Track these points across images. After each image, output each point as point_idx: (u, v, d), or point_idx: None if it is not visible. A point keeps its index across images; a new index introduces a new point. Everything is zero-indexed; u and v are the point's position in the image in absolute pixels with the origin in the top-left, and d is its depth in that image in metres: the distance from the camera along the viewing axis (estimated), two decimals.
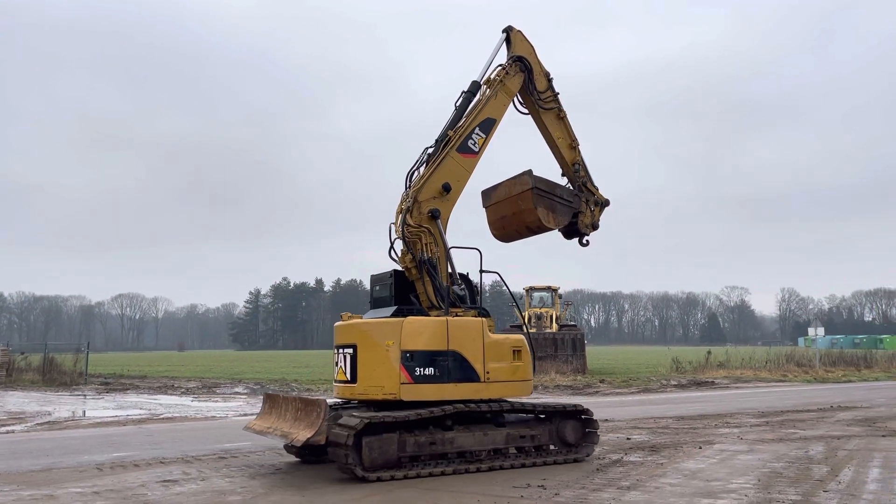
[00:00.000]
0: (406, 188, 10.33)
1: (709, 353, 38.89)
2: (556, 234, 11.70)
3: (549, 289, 42.29)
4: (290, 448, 10.25)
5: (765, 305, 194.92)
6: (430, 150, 10.50)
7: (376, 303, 10.66)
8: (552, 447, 10.05)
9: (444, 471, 8.95)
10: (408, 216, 9.95)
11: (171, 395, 25.03)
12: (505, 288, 11.20)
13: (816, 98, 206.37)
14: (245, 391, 26.29)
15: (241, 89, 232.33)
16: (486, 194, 11.71)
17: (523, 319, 37.41)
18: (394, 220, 10.26)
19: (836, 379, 32.67)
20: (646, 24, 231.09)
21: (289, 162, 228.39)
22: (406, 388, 9.04)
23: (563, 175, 11.90)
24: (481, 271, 10.43)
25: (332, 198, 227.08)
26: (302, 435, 8.54)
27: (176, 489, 8.24)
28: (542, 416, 10.14)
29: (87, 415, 18.49)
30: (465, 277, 10.61)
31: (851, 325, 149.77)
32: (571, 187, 11.77)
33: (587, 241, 11.88)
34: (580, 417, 10.31)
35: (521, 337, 10.25)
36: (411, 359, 9.11)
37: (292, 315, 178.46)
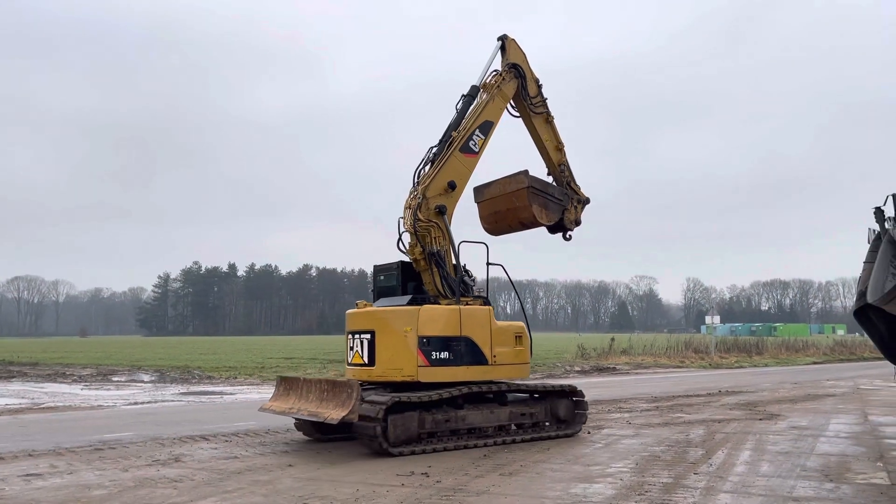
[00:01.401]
0: (414, 185, 11.08)
1: (612, 339, 40.09)
2: (540, 230, 12.55)
3: None
4: (309, 426, 10.80)
5: (671, 294, 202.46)
6: (435, 150, 11.28)
7: (381, 292, 11.42)
8: (547, 423, 11.04)
9: (457, 445, 9.86)
10: (418, 212, 10.70)
11: (61, 383, 23.78)
12: (508, 280, 11.64)
13: (725, 96, 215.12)
14: (150, 379, 25.29)
15: (149, 65, 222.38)
16: (479, 191, 12.41)
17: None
18: (402, 215, 11.01)
19: (729, 365, 34.31)
20: (564, 20, 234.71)
21: (201, 142, 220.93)
22: (423, 370, 9.90)
23: (548, 174, 12.74)
24: (488, 264, 11.21)
25: (246, 180, 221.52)
26: (336, 413, 9.12)
27: (38, 483, 7.76)
28: (539, 395, 11.08)
29: None
30: (464, 269, 11.32)
31: (750, 314, 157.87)
32: (559, 186, 12.67)
33: (570, 235, 12.80)
34: (571, 397, 11.33)
35: (522, 324, 11.17)
36: (428, 344, 9.97)
37: (203, 300, 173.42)
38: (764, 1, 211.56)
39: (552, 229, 12.59)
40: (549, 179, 12.68)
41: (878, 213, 8.65)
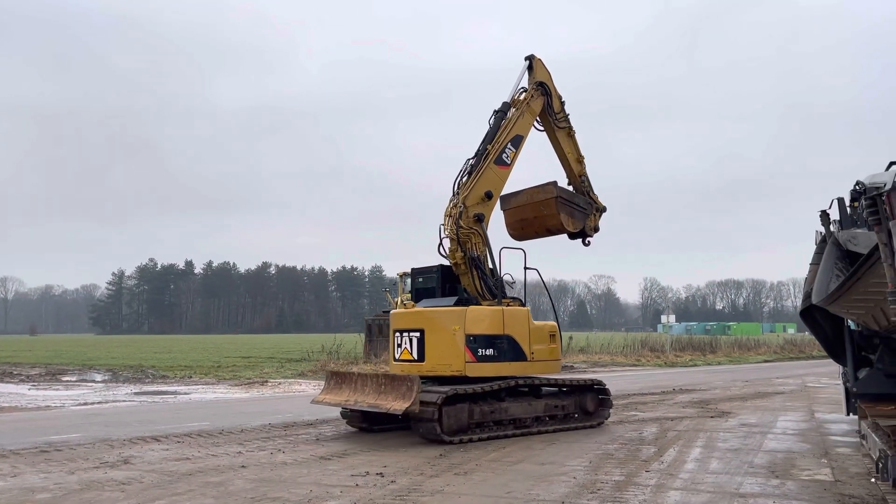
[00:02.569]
0: (454, 194, 11.88)
1: (570, 338, 40.51)
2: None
3: None
4: (357, 416, 11.60)
5: (629, 293, 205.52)
6: (472, 162, 12.07)
7: (420, 293, 12.36)
8: (576, 415, 12.01)
9: (500, 433, 10.76)
10: (459, 220, 11.54)
11: (7, 383, 23.07)
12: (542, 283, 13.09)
13: (684, 99, 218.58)
14: (102, 378, 24.70)
15: (106, 56, 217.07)
16: (506, 199, 13.10)
17: (395, 305, 37.63)
18: (443, 222, 11.82)
19: (684, 363, 34.97)
20: (526, 21, 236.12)
21: (158, 135, 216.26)
22: (470, 365, 10.79)
23: (569, 184, 13.68)
24: (525, 268, 12.19)
25: (204, 175, 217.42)
26: (398, 405, 10.02)
27: None
28: (568, 389, 11.99)
29: None
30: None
31: (705, 314, 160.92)
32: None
33: (589, 241, 13.78)
34: (596, 390, 12.32)
35: (555, 324, 12.30)
36: (474, 341, 10.86)
37: (159, 298, 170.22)
38: (723, 4, 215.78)
39: (572, 235, 13.48)
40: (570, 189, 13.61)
41: (824, 215, 8.90)
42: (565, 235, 13.41)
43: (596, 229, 13.81)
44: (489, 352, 11.01)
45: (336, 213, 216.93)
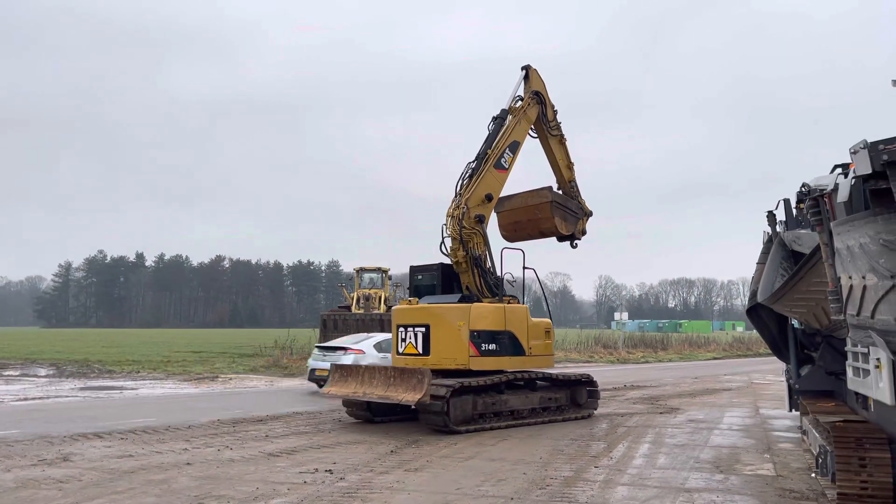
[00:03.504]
0: (456, 195, 12.36)
1: None
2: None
3: (378, 270, 42.40)
4: (361, 408, 12.11)
5: (584, 291, 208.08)
6: (473, 165, 12.59)
7: (419, 290, 12.85)
8: (567, 407, 12.69)
9: (501, 424, 11.31)
10: (463, 220, 12.03)
11: None
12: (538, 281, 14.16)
13: (640, 99, 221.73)
14: (46, 373, 23.94)
15: (55, 42, 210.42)
16: (500, 202, 13.40)
17: (351, 300, 37.34)
18: (444, 222, 12.27)
19: (636, 360, 35.50)
20: (487, 17, 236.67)
21: (108, 124, 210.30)
22: (474, 359, 11.41)
23: (559, 189, 14.29)
24: (524, 268, 12.65)
25: (157, 166, 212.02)
26: (410, 396, 10.52)
27: None
28: (561, 383, 12.64)
29: None
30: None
31: (657, 311, 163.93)
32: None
33: (577, 243, 14.42)
34: (587, 385, 13.02)
35: (549, 321, 12.89)
36: (478, 336, 11.45)
37: (108, 291, 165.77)
38: (681, 5, 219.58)
39: (562, 238, 14.10)
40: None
41: (771, 216, 9.10)
42: (554, 238, 14.02)
43: (583, 232, 14.48)
44: (491, 347, 11.62)
45: (292, 207, 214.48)
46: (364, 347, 16.09)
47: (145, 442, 10.06)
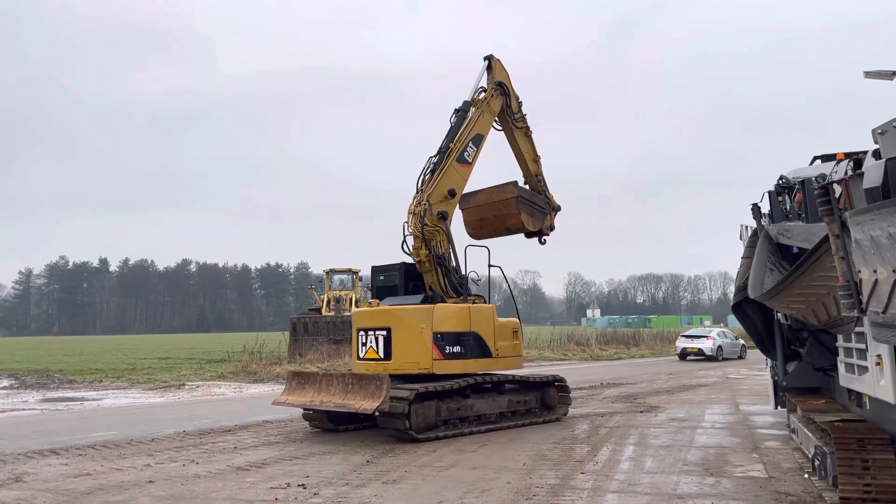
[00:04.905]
0: (417, 191, 11.89)
1: None
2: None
3: (349, 271, 41.85)
4: (321, 417, 11.50)
5: (554, 288, 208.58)
6: (435, 160, 12.09)
7: (381, 291, 12.32)
8: (537, 409, 12.21)
9: (470, 430, 10.86)
10: (425, 217, 11.51)
11: None
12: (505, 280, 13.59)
13: (609, 97, 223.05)
14: (2, 385, 22.99)
15: (11, 41, 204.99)
16: (465, 198, 13.05)
17: (321, 302, 36.70)
18: (406, 220, 11.76)
19: (609, 357, 35.49)
20: (450, 17, 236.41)
21: (68, 127, 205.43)
22: (438, 363, 10.87)
23: (525, 183, 13.80)
24: (489, 266, 12.29)
25: (118, 170, 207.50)
26: (368, 404, 9.94)
27: None
28: (530, 385, 12.18)
29: None
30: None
31: (626, 307, 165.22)
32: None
33: (545, 240, 13.97)
34: (557, 386, 12.54)
35: (517, 320, 12.46)
36: (442, 339, 10.94)
37: (71, 297, 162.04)
38: (648, 4, 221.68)
39: (529, 234, 13.63)
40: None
41: (756, 209, 8.85)
42: (521, 234, 13.53)
43: (552, 228, 14.02)
44: (456, 349, 11.12)
45: (259, 209, 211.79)
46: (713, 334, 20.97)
47: (105, 458, 9.48)
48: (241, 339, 44.71)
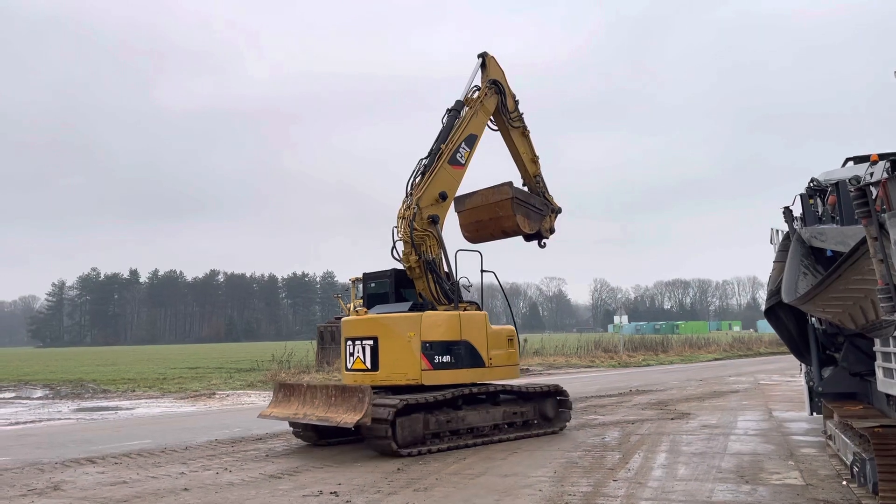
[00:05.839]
0: (407, 195, 11.47)
1: (525, 340, 40.28)
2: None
3: None
4: (309, 430, 10.98)
5: (580, 295, 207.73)
6: (425, 162, 11.68)
7: (372, 299, 11.91)
8: (535, 421, 11.59)
9: (459, 444, 10.27)
10: (413, 222, 11.12)
11: None
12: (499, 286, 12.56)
13: (634, 102, 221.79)
14: (39, 395, 23.42)
15: (42, 56, 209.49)
16: (460, 201, 12.75)
17: (348, 311, 36.90)
18: (395, 224, 11.36)
19: (637, 363, 35.14)
20: (477, 22, 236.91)
21: (101, 139, 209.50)
22: (427, 373, 10.38)
23: (524, 185, 13.33)
24: (482, 271, 11.83)
25: (150, 181, 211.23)
26: (349, 417, 9.49)
27: None
28: (527, 395, 11.54)
29: None
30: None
31: (653, 313, 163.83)
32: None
33: (545, 243, 13.46)
34: (556, 397, 11.90)
35: (512, 328, 11.88)
36: (430, 348, 10.45)
37: (102, 308, 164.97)
38: (671, 9, 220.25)
39: (528, 237, 13.17)
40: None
41: (787, 212, 8.74)
42: (520, 237, 13.12)
43: (552, 230, 13.56)
44: (446, 359, 10.57)
45: (286, 219, 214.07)
46: None
47: (140, 466, 9.62)
48: (269, 348, 45.10)
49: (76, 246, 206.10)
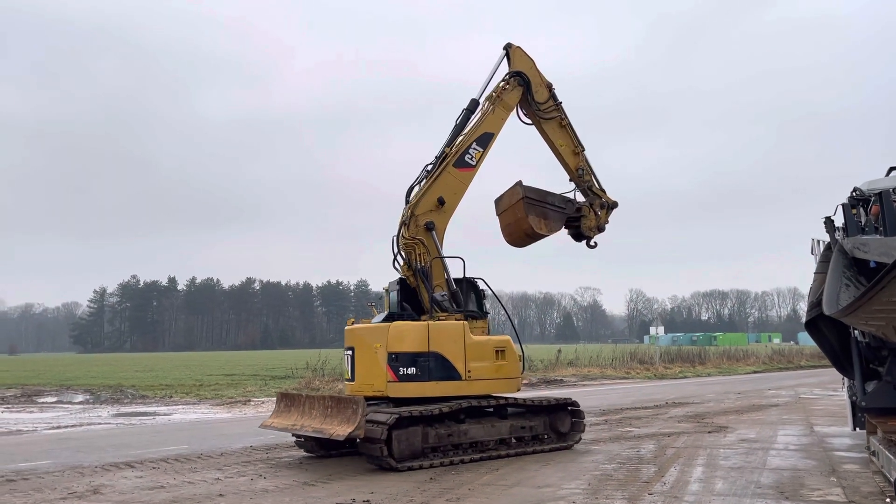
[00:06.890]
0: (406, 203, 11.16)
1: (559, 351, 40.07)
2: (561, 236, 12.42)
3: None
4: (312, 442, 10.74)
5: (615, 305, 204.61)
6: (429, 167, 11.30)
7: (392, 308, 11.61)
8: (546, 436, 11.02)
9: (462, 459, 9.86)
10: (404, 229, 10.90)
11: None
12: (490, 292, 12.18)
13: (673, 110, 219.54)
14: (80, 399, 23.94)
15: (90, 67, 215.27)
16: (496, 203, 12.25)
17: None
18: (395, 233, 11.11)
19: (674, 375, 34.60)
20: (515, 30, 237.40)
21: (141, 149, 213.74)
22: (392, 385, 10.09)
23: (570, 180, 12.45)
24: (465, 278, 11.27)
25: (187, 190, 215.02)
26: (342, 430, 9.21)
27: None
28: (537, 409, 10.99)
29: None
30: (471, 283, 11.53)
31: (690, 324, 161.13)
32: (580, 191, 12.42)
33: (595, 243, 12.53)
34: (569, 409, 11.30)
35: (506, 338, 11.10)
36: (396, 359, 10.11)
37: (142, 315, 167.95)
38: (714, 14, 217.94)
39: (577, 237, 12.44)
40: (571, 185, 12.51)
41: (829, 223, 8.57)
42: (570, 237, 12.43)
43: (600, 228, 12.44)
44: (412, 371, 10.06)
45: (321, 227, 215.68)
46: None
47: (177, 471, 9.77)
48: (303, 356, 45.44)
49: (117, 253, 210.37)
